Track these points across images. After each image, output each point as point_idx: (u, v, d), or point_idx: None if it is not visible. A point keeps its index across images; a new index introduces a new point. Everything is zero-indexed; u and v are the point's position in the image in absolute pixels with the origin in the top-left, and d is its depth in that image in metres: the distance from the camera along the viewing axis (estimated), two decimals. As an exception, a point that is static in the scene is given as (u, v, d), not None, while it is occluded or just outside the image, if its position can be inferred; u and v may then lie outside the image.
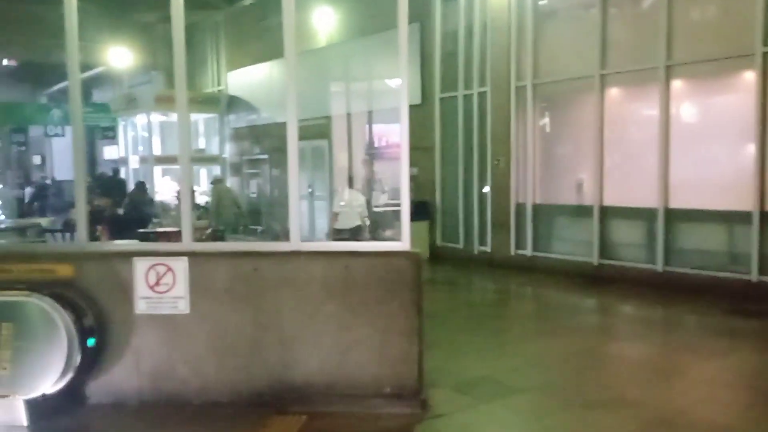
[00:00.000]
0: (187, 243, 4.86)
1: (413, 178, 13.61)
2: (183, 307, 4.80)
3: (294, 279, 4.73)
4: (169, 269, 4.79)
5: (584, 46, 10.25)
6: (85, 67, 22.07)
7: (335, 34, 15.09)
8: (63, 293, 4.65)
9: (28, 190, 21.63)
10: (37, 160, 32.97)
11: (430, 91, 12.73)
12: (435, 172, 12.74)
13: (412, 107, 12.87)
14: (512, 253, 11.29)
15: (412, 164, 12.87)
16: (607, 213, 10.06)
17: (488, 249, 11.75)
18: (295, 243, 4.76)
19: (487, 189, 11.80)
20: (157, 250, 4.94)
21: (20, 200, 20.09)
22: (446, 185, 12.66)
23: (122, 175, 19.21)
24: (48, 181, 23.58)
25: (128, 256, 4.80)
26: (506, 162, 11.36)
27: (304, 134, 15.12)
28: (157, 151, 17.63)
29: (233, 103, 18.08)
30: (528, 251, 11.09)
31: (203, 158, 18.57)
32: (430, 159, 12.78)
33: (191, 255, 4.78)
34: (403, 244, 4.73)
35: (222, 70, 18.68)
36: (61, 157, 29.24)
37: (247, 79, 17.51)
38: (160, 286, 4.81)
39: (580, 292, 9.35)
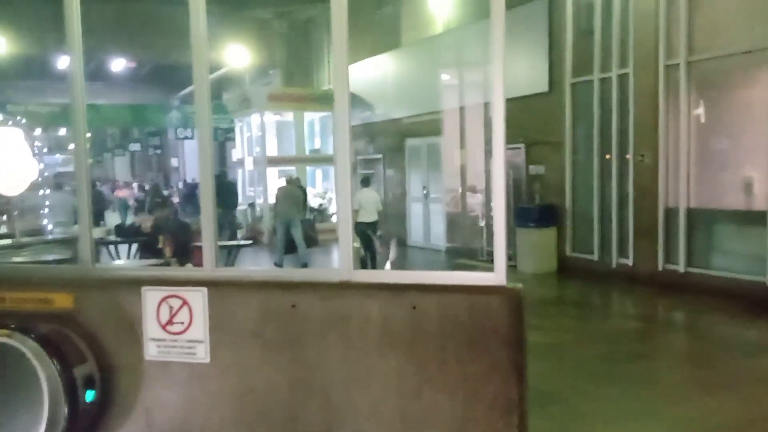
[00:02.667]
0: (209, 268, 3.70)
1: (538, 178, 12.04)
2: (201, 354, 3.64)
3: (343, 321, 3.43)
4: (185, 303, 3.66)
5: (754, 11, 8.12)
6: (211, 68, 22.30)
7: (453, 18, 13.66)
8: (56, 332, 3.65)
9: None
10: (175, 162, 34.40)
11: (559, 77, 10.98)
12: (564, 170, 10.97)
13: (537, 96, 11.32)
14: (660, 267, 9.31)
15: (537, 161, 11.35)
16: (788, 221, 7.89)
17: (629, 262, 9.83)
18: (345, 271, 3.46)
19: (629, 189, 9.88)
20: (175, 276, 3.83)
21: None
22: (578, 186, 10.85)
23: (238, 177, 18.94)
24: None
25: (137, 284, 3.73)
26: (652, 158, 9.40)
27: (419, 130, 14.00)
28: (271, 151, 17.09)
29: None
30: (680, 266, 9.07)
31: (318, 158, 17.84)
32: (559, 155, 11.03)
33: (212, 285, 3.62)
34: (497, 277, 3.28)
35: (337, 66, 17.84)
36: (192, 160, 30.13)
37: (363, 73, 16.52)
38: (173, 325, 3.69)
39: (751, 322, 7.31)
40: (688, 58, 8.94)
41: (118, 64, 22.75)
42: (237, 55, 18.83)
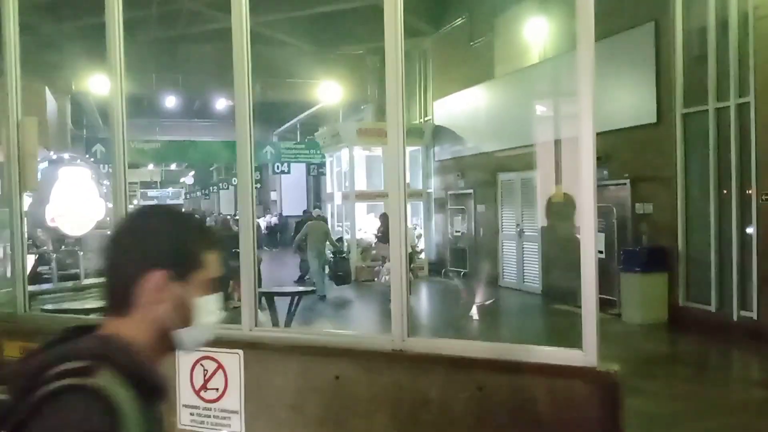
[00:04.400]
0: (247, 326, 3.22)
1: (646, 217, 10.96)
2: (236, 426, 3.16)
3: (393, 399, 2.84)
4: (220, 367, 3.20)
5: None
6: (303, 105, 22.60)
7: (548, 47, 12.93)
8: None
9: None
10: (273, 196, 35.11)
11: (669, 106, 9.97)
12: (676, 209, 9.88)
13: (644, 127, 10.30)
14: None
15: (644, 199, 10.28)
16: None
17: (753, 315, 8.59)
18: (397, 337, 2.87)
19: (751, 230, 8.71)
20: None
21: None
22: (692, 226, 9.73)
23: (326, 212, 18.77)
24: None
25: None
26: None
27: (512, 165, 13.25)
28: (360, 186, 16.80)
29: (438, 134, 16.67)
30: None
31: (407, 193, 17.37)
32: (670, 192, 9.96)
33: (249, 347, 3.14)
34: (586, 356, 2.60)
35: (429, 99, 17.44)
36: (288, 193, 30.60)
37: (454, 106, 16.02)
38: (207, 392, 3.24)
39: None
40: (822, 83, 7.80)
41: (222, 103, 23.47)
42: (330, 91, 18.85)
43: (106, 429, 1.04)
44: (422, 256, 16.80)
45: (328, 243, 13.95)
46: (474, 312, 9.81)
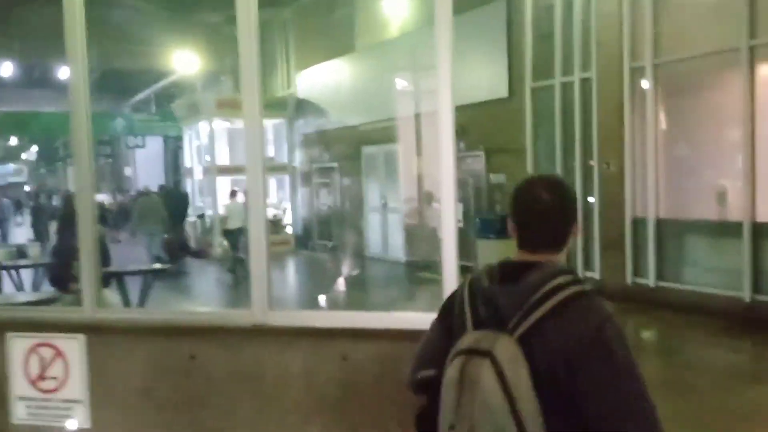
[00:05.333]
0: (89, 308, 2.95)
1: (499, 187, 11.49)
2: (81, 418, 2.90)
3: (255, 377, 2.72)
4: (59, 354, 2.91)
5: (724, 9, 7.69)
6: (159, 74, 21.36)
7: (408, 22, 13.07)
8: None
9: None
10: (128, 171, 33.07)
11: (519, 81, 10.44)
12: (527, 179, 10.39)
13: (497, 101, 10.69)
14: (629, 281, 8.80)
15: (498, 169, 10.72)
16: (762, 232, 7.43)
17: (596, 275, 9.29)
18: (258, 312, 2.75)
19: (592, 199, 9.37)
20: (47, 318, 3.08)
21: None
22: (541, 195, 10.28)
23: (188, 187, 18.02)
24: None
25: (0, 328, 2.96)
26: (618, 165, 8.89)
27: (376, 138, 13.32)
28: (223, 160, 16.22)
29: (302, 106, 16.42)
30: (650, 280, 8.57)
31: (271, 167, 17.01)
32: (521, 163, 10.46)
33: (92, 330, 2.88)
34: (447, 319, 2.60)
35: (291, 71, 17.12)
36: (144, 168, 28.96)
37: (317, 78, 15.83)
38: (45, 382, 2.94)
39: (734, 344, 6.81)
40: (654, 60, 8.46)
41: (66, 71, 21.62)
42: (187, 60, 17.92)
43: (612, 312, 1.57)
44: (289, 229, 16.60)
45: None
46: (340, 283, 9.82)
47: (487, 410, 1.49)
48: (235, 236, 12.17)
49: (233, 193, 13.35)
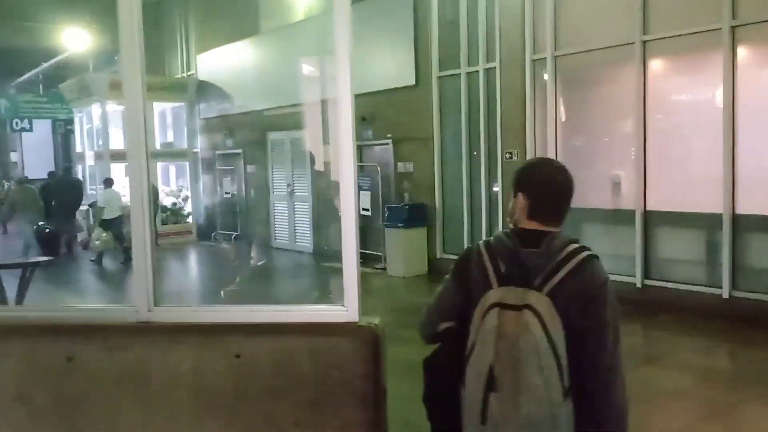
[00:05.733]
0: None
1: (407, 176, 11.51)
2: (-61, 429, 2.59)
3: (140, 378, 2.51)
4: None
5: (620, 4, 7.98)
6: (46, 53, 19.99)
7: (314, 5, 12.82)
8: None
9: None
10: (14, 157, 30.89)
11: (426, 70, 10.46)
12: (434, 168, 10.49)
13: (404, 89, 10.66)
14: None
15: (406, 158, 10.69)
16: (653, 220, 7.79)
17: (499, 262, 9.47)
18: (142, 308, 2.54)
19: (497, 188, 9.55)
20: None
21: None
22: (448, 184, 10.41)
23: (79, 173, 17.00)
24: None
25: None
26: (521, 155, 9.09)
27: (282, 124, 13.01)
28: (115, 145, 15.35)
29: (204, 89, 15.82)
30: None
31: (170, 153, 16.35)
32: (428, 152, 10.53)
33: (-47, 332, 2.57)
34: (348, 312, 2.51)
35: (192, 53, 16.45)
36: (33, 154, 27.15)
37: (219, 61, 15.29)
38: None
39: (626, 328, 7.06)
40: (554, 53, 8.68)
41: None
42: (77, 38, 16.84)
43: (607, 275, 2.05)
44: (189, 219, 16.01)
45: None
46: (243, 275, 9.55)
47: (535, 353, 1.88)
48: (116, 226, 11.97)
49: (108, 181, 13.02)
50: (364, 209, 11.70)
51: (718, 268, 7.14)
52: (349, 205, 2.50)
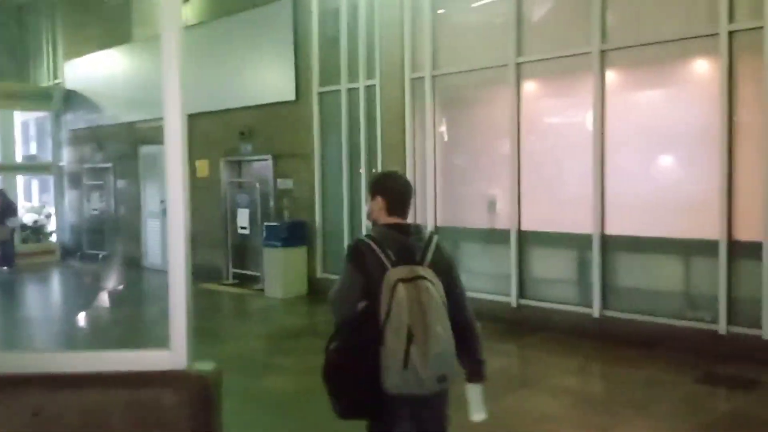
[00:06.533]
0: None
1: (287, 193, 11.17)
2: None
3: None
4: None
5: (496, 26, 8.09)
6: None
7: (189, 14, 12.25)
8: None
9: None
10: None
11: (307, 85, 10.20)
12: (314, 185, 10.20)
13: (284, 104, 10.37)
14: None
15: (285, 174, 10.35)
16: (527, 240, 7.89)
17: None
18: None
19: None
20: None
21: None
22: (328, 202, 10.15)
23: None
24: None
25: None
26: (401, 173, 8.97)
27: (155, 137, 12.25)
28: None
29: (71, 99, 14.73)
30: (429, 287, 8.76)
31: (32, 166, 15.09)
32: (308, 169, 10.24)
33: None
34: (173, 356, 2.16)
35: (59, 59, 15.30)
36: None
37: (89, 69, 14.29)
38: None
39: (501, 349, 7.08)
40: (433, 72, 8.68)
41: None
42: None
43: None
44: (53, 238, 14.79)
45: None
46: (103, 300, 8.80)
47: (436, 309, 2.59)
48: None
49: None
50: (242, 227, 11.22)
51: (589, 288, 7.30)
52: (178, 229, 2.16)
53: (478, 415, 3.01)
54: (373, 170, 9.16)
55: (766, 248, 6.03)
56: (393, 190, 2.86)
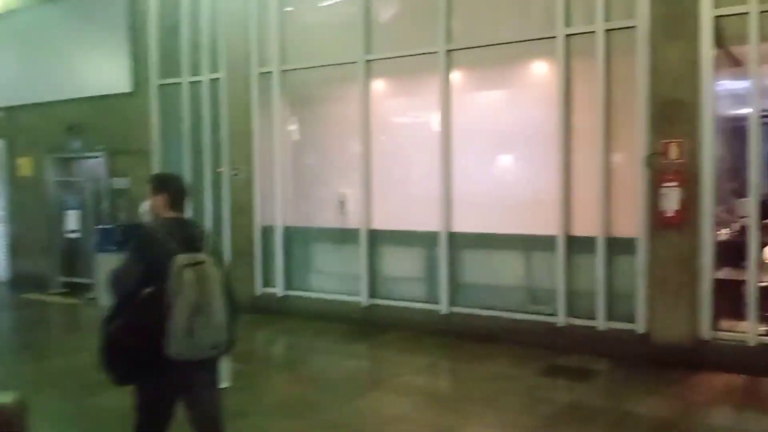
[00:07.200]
0: None
1: (125, 193, 10.32)
2: None
3: None
4: None
5: (346, 22, 7.93)
6: None
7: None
8: None
9: None
10: None
11: (144, 76, 9.48)
12: (154, 184, 9.45)
13: (119, 97, 9.44)
14: (258, 292, 8.54)
15: (121, 173, 9.54)
16: (378, 239, 7.80)
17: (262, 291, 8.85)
18: None
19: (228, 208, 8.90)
20: None
21: None
22: (169, 202, 9.43)
23: None
24: None
25: None
26: (248, 171, 8.59)
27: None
28: None
29: None
30: (279, 289, 8.43)
31: None
32: (147, 167, 9.45)
33: None
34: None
35: None
36: None
37: None
38: None
39: (353, 350, 6.92)
40: (282, 67, 8.36)
41: None
42: None
43: None
44: None
45: None
46: None
47: (216, 287, 3.10)
48: None
49: None
50: (71, 231, 10.23)
51: (437, 285, 7.34)
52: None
53: (223, 383, 3.79)
54: (233, 172, 8.67)
55: (599, 243, 6.36)
56: (176, 189, 3.33)
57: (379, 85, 7.92)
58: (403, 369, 6.20)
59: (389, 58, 7.65)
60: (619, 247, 6.32)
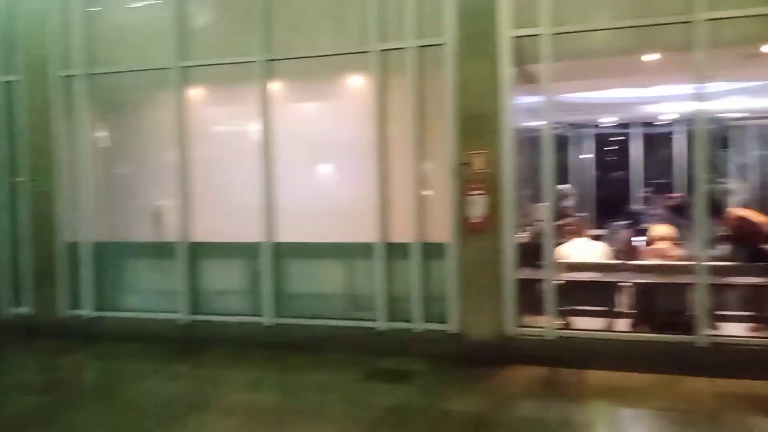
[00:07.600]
0: None
1: None
2: None
3: None
4: None
5: (159, 26, 7.58)
6: None
7: None
8: None
9: None
10: None
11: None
12: (-63, 197, 8.39)
13: None
14: (65, 314, 7.87)
15: None
16: (198, 252, 7.53)
17: (30, 310, 8.05)
18: None
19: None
20: None
21: None
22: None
23: None
24: None
25: None
26: (50, 182, 7.89)
27: None
28: None
29: None
30: (88, 311, 7.83)
31: None
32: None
33: None
34: None
35: None
36: None
37: None
38: None
39: (173, 371, 6.60)
40: (89, 70, 7.79)
41: None
42: None
43: None
44: None
45: None
46: None
47: None
48: None
49: None
50: None
51: (261, 297, 7.24)
52: None
53: None
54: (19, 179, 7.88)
55: (414, 249, 6.65)
56: None
57: (197, 93, 7.66)
58: (227, 387, 6.03)
59: (206, 65, 7.43)
60: (432, 251, 6.65)
